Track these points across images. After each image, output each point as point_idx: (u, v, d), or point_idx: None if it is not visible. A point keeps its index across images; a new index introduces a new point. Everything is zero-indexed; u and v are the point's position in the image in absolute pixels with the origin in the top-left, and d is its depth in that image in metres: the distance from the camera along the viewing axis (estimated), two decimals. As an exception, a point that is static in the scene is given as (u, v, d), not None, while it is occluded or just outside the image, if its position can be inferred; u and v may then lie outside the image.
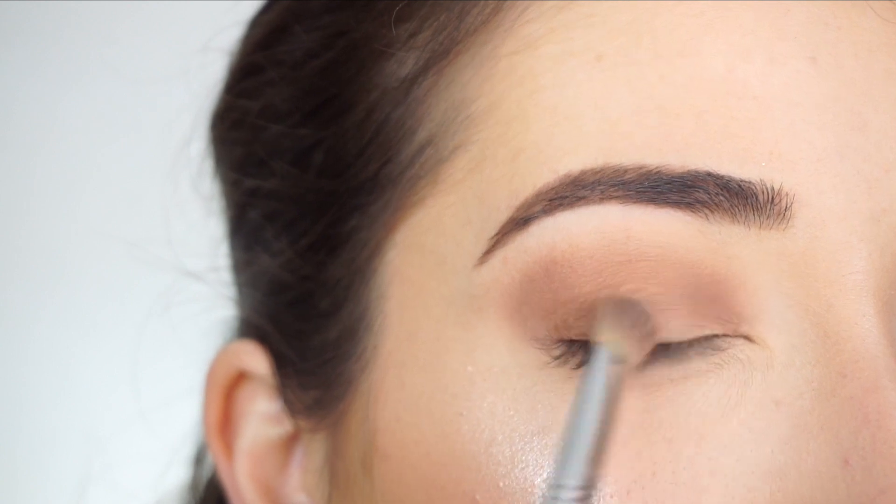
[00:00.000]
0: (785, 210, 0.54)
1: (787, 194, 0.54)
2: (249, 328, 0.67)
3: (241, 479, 0.65)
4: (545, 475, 0.54)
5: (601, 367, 0.52)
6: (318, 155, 0.62)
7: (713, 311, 0.55)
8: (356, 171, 0.61)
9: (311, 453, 0.64)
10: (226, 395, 0.66)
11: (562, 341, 0.56)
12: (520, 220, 0.56)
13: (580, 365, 0.56)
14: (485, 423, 0.56)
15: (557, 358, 0.56)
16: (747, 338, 0.55)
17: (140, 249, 0.73)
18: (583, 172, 0.55)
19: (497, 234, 0.56)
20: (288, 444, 0.65)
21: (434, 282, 0.58)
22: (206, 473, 0.76)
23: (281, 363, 0.65)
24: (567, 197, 0.55)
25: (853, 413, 0.53)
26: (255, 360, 0.65)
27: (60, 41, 1.06)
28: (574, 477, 0.50)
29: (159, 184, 0.71)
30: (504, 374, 0.56)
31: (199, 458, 0.76)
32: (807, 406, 0.54)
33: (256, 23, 0.68)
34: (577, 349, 0.56)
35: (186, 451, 0.76)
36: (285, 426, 0.65)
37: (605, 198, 0.55)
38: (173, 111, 0.72)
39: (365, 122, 0.61)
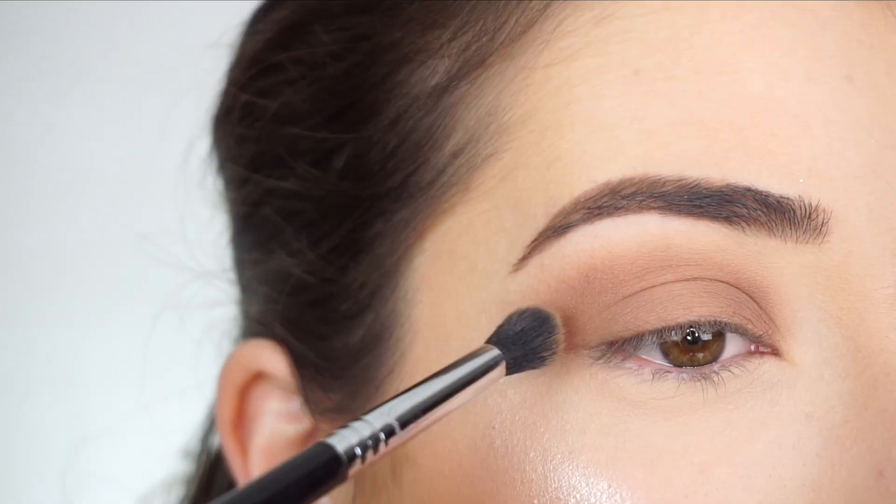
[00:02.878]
0: (821, 225, 0.55)
1: (824, 210, 0.55)
2: (262, 327, 0.67)
3: (257, 476, 0.65)
4: (578, 496, 0.55)
5: (482, 361, 0.55)
6: (339, 158, 0.62)
7: (750, 308, 0.56)
8: (382, 178, 0.61)
9: None
10: (241, 393, 0.66)
11: (602, 344, 0.57)
12: (558, 228, 0.56)
13: (618, 364, 0.57)
14: (517, 437, 0.57)
15: (598, 359, 0.56)
16: (776, 352, 0.56)
17: (149, 245, 0.72)
18: (622, 181, 0.56)
19: (534, 241, 0.57)
20: (304, 442, 0.66)
21: (465, 288, 0.59)
22: (202, 467, 0.76)
23: (300, 363, 0.65)
24: (607, 206, 0.56)
25: (886, 425, 0.54)
26: (274, 360, 0.65)
27: (69, 36, 1.04)
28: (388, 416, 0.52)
29: (170, 181, 0.70)
30: (535, 387, 0.57)
31: (199, 452, 0.76)
32: (839, 419, 0.55)
33: (267, 19, 0.67)
34: (618, 348, 0.56)
35: (186, 446, 0.76)
36: (302, 424, 0.65)
37: (643, 207, 0.56)
38: (181, 107, 0.71)
39: (392, 128, 0.60)
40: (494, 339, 0.56)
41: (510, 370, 0.55)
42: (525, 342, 0.56)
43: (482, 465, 0.57)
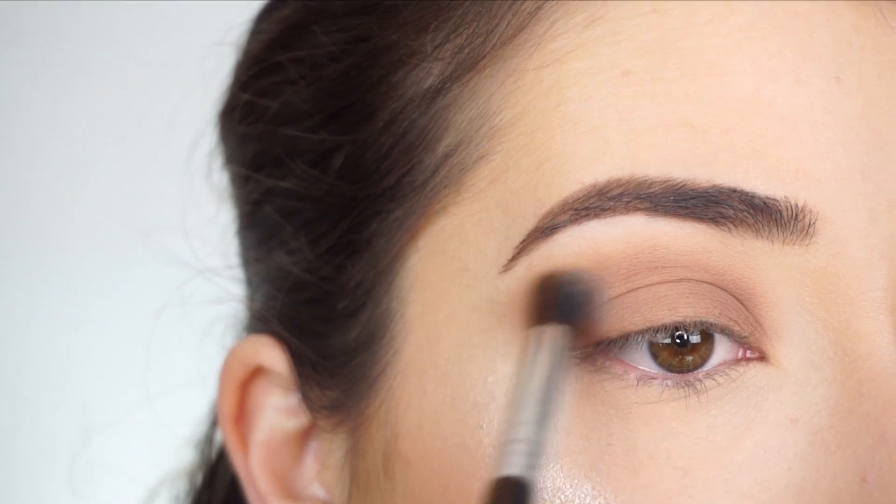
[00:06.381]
0: (808, 227, 0.55)
1: (810, 211, 0.55)
2: (263, 323, 0.68)
3: (256, 470, 0.66)
4: (563, 497, 0.56)
5: (547, 348, 0.55)
6: (337, 158, 0.63)
7: (737, 309, 0.56)
8: (377, 179, 0.61)
9: (331, 451, 0.65)
10: (241, 388, 0.67)
11: (588, 344, 0.57)
12: (546, 229, 0.57)
13: (604, 368, 0.57)
14: None
15: (584, 360, 0.57)
16: (763, 356, 0.56)
17: (155, 240, 0.73)
18: (609, 182, 0.56)
19: (522, 242, 0.57)
20: (302, 437, 0.66)
21: (456, 288, 0.59)
22: (207, 459, 0.77)
23: (298, 360, 0.65)
24: (594, 207, 0.56)
25: (870, 431, 0.54)
26: (273, 356, 0.66)
27: (72, 33, 1.05)
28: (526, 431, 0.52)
29: (175, 177, 0.71)
30: None
31: (204, 444, 0.77)
32: (824, 423, 0.55)
33: (270, 19, 0.67)
34: (604, 348, 0.57)
35: (189, 438, 0.77)
36: (301, 419, 0.66)
37: (630, 209, 0.56)
38: (188, 104, 0.72)
39: (387, 130, 0.61)
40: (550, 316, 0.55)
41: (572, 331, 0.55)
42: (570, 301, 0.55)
43: (471, 463, 0.58)
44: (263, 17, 0.68)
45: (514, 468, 0.50)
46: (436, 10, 0.60)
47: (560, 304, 0.55)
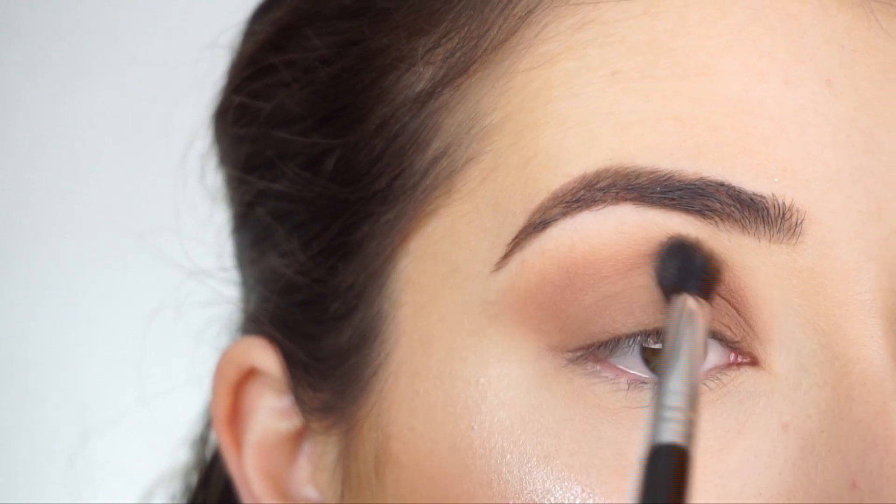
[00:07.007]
0: (795, 226, 0.55)
1: (798, 210, 0.55)
2: (256, 325, 0.68)
3: (250, 471, 0.66)
4: (553, 500, 0.56)
5: (682, 317, 0.53)
6: (329, 161, 0.63)
7: (728, 314, 0.56)
8: (369, 181, 0.61)
9: (323, 453, 0.65)
10: (234, 389, 0.67)
11: (580, 347, 0.57)
12: (538, 224, 0.57)
13: (595, 372, 0.57)
14: (495, 439, 0.57)
15: (573, 362, 0.57)
16: (754, 361, 0.56)
17: (151, 242, 0.73)
18: (597, 174, 0.56)
19: (515, 239, 0.57)
20: (296, 438, 0.66)
21: (448, 290, 0.59)
22: (202, 459, 0.77)
23: (291, 362, 0.65)
24: (584, 199, 0.56)
25: (861, 436, 0.54)
26: (266, 357, 0.66)
27: (67, 34, 1.05)
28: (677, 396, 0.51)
29: (170, 178, 0.71)
30: (513, 389, 0.57)
31: (199, 445, 0.77)
32: (815, 428, 0.55)
33: (263, 20, 0.67)
34: (594, 350, 0.57)
35: (186, 438, 0.77)
36: (294, 421, 0.66)
37: (619, 199, 0.56)
38: (183, 105, 0.72)
39: (378, 133, 0.61)
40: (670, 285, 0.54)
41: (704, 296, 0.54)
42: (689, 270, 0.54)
43: (461, 465, 0.58)
44: (257, 18, 0.68)
45: (672, 435, 0.49)
46: (427, 15, 0.60)
47: (704, 276, 0.54)
